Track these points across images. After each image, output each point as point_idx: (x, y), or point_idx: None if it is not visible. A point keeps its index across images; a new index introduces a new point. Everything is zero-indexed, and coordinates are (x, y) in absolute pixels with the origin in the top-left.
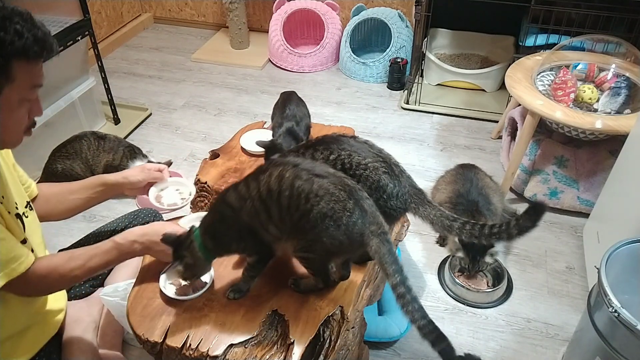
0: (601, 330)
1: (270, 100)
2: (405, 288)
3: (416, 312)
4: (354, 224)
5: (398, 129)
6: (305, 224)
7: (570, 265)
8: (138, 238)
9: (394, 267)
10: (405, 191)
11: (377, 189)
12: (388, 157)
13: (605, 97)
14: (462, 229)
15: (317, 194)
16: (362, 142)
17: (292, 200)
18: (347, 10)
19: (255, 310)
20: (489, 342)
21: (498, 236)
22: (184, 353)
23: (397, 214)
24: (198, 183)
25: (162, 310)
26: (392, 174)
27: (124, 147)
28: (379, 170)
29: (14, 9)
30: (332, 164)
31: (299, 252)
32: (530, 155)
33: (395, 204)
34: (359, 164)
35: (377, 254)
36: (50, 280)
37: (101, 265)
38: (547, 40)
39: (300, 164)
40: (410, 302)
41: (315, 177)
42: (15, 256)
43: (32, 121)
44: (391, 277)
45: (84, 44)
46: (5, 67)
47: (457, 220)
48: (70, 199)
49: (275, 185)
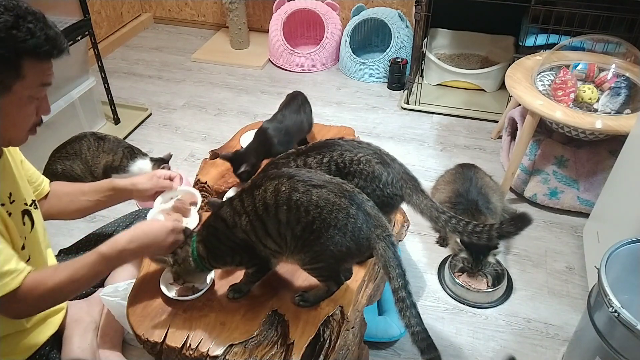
0: (601, 330)
1: (270, 100)
2: (406, 293)
3: (413, 317)
4: (360, 229)
5: (398, 129)
6: (309, 236)
7: (570, 265)
8: (126, 245)
9: (398, 271)
10: (399, 177)
11: (372, 179)
12: (378, 149)
13: (605, 97)
14: (447, 222)
15: (317, 204)
16: (349, 140)
17: (292, 214)
18: (347, 10)
19: (255, 310)
20: (489, 342)
21: (479, 235)
22: (184, 353)
23: (394, 202)
24: (198, 183)
25: (162, 310)
26: (384, 163)
27: (124, 147)
28: (371, 162)
29: (27, 9)
30: (327, 167)
31: (307, 265)
32: (530, 155)
33: (391, 191)
34: (352, 161)
35: (383, 257)
36: (37, 294)
37: (90, 278)
38: (547, 40)
39: (295, 175)
40: (408, 308)
41: (313, 188)
42: (8, 271)
43: (39, 119)
44: (393, 281)
45: (84, 44)
46: (17, 63)
47: (445, 213)
48: (81, 200)
49: (272, 200)
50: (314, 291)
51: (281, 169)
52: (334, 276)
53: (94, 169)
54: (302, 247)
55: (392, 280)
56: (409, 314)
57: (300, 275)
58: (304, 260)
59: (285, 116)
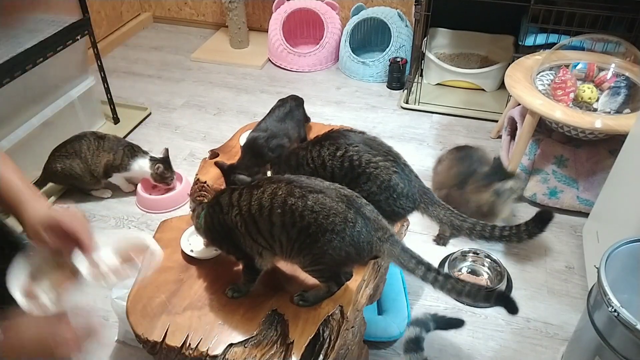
0: (600, 330)
1: (269, 99)
2: (434, 272)
3: (457, 285)
4: (359, 234)
5: (398, 129)
6: (305, 239)
7: (570, 265)
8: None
9: (414, 261)
10: (415, 191)
11: (386, 188)
12: (397, 156)
13: (605, 96)
14: (472, 230)
15: (313, 209)
16: (371, 138)
17: (286, 217)
18: (346, 9)
19: (255, 310)
20: (488, 342)
21: (508, 239)
22: (184, 353)
23: (405, 212)
24: (197, 182)
25: (161, 310)
26: (403, 174)
27: (124, 146)
28: (389, 170)
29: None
30: (340, 161)
31: (308, 267)
32: (529, 155)
33: (404, 203)
34: (369, 162)
35: (393, 256)
36: None
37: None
38: (546, 40)
39: (294, 181)
40: (446, 282)
41: (309, 194)
42: None
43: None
44: (416, 271)
45: (83, 43)
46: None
47: (466, 220)
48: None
49: (267, 202)
50: (313, 291)
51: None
52: (334, 277)
53: (94, 168)
54: (299, 250)
55: (415, 271)
56: (450, 287)
57: (300, 275)
58: (304, 263)
59: (271, 125)
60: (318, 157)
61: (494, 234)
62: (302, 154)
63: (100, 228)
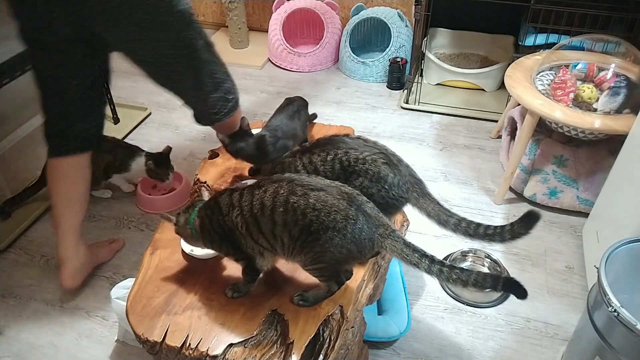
0: (600, 330)
1: (269, 99)
2: (439, 264)
3: (462, 275)
4: (360, 231)
5: (397, 129)
6: (307, 237)
7: (570, 265)
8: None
9: (417, 255)
10: (406, 180)
11: (378, 180)
12: (384, 148)
13: (605, 96)
14: (457, 225)
15: (314, 207)
16: (355, 138)
17: (288, 216)
18: (346, 9)
19: (255, 310)
20: (488, 342)
21: (491, 238)
22: (184, 353)
23: (399, 204)
24: (197, 182)
25: (161, 310)
26: (391, 164)
27: (123, 147)
28: (377, 162)
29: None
30: (331, 165)
31: (309, 265)
32: (529, 155)
33: (397, 192)
34: (357, 159)
35: (395, 252)
36: None
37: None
38: (546, 40)
39: (295, 180)
40: (451, 272)
41: (311, 192)
42: None
43: None
44: (420, 264)
45: None
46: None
47: (453, 216)
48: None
49: (269, 201)
50: (313, 291)
51: (287, 165)
52: (335, 276)
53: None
54: (301, 249)
55: (419, 265)
56: (456, 277)
57: (300, 274)
58: (305, 262)
59: (280, 124)
60: (310, 163)
61: (478, 231)
62: (288, 161)
63: (101, 228)
